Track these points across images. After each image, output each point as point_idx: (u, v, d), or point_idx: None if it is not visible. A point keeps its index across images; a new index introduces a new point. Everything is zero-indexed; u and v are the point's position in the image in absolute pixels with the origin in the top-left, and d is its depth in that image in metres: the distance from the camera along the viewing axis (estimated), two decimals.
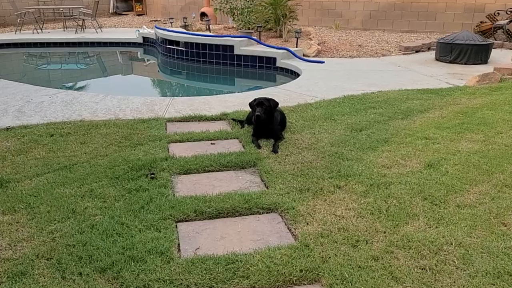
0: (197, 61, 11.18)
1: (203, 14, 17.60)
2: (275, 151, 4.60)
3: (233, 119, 5.69)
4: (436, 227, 3.19)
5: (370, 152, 4.58)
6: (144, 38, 14.50)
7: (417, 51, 11.34)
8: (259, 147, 4.75)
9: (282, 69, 10.00)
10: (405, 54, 11.05)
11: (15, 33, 15.79)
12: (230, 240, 3.11)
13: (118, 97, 6.79)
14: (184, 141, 5.00)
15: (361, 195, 3.68)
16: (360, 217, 3.35)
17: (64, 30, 16.73)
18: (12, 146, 4.85)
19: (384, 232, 3.13)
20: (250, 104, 5.07)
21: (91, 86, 10.42)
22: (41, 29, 16.39)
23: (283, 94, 7.01)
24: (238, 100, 6.65)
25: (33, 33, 15.80)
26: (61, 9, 16.97)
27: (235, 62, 10.64)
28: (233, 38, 10.69)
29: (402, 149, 4.64)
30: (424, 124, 5.45)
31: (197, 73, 11.36)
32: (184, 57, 11.42)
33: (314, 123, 5.51)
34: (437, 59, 10.16)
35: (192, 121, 5.80)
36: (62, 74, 12.39)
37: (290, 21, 12.21)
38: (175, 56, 11.71)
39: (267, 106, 4.89)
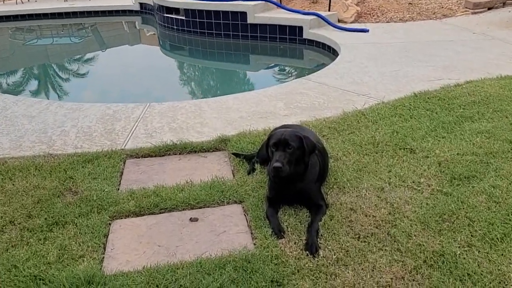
0: (201, 34, 8.73)
1: None
2: (312, 248, 2.27)
3: (236, 154, 3.35)
4: None
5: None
6: (141, 4, 12.04)
7: (489, 8, 8.55)
8: (280, 233, 2.42)
9: (311, 42, 7.47)
10: (474, 13, 8.29)
11: None
12: None
13: (68, 106, 4.51)
14: (143, 213, 2.73)
15: None
16: None
17: None
18: None
19: None
20: (263, 144, 2.72)
21: (64, 70, 8.19)
22: None
23: (317, 92, 4.58)
24: (246, 108, 4.27)
25: (16, 3, 13.53)
26: None
27: (249, 34, 8.15)
28: (245, 2, 8.13)
29: None
30: None
31: (202, 48, 8.95)
32: (186, 28, 8.97)
33: (377, 160, 3.12)
34: None
35: (169, 154, 3.49)
36: (48, 50, 10.24)
37: None
38: (175, 27, 9.27)
39: (296, 148, 2.52)
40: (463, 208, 2.51)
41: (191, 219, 2.64)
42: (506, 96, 4.10)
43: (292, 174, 2.53)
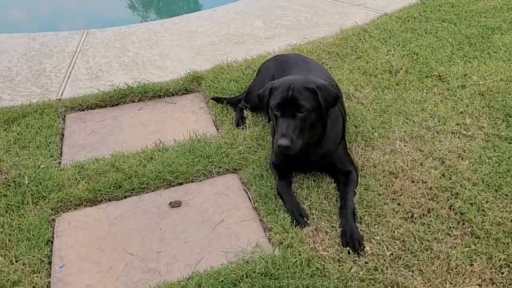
0: None
1: None
2: (354, 242, 1.60)
3: (217, 99, 2.51)
4: None
5: None
6: None
7: None
8: (302, 219, 1.72)
9: None
10: None
11: None
12: None
13: None
14: (101, 200, 1.92)
15: None
16: None
17: None
18: None
19: None
20: (261, 97, 1.91)
21: None
22: None
23: (300, 4, 3.67)
24: (215, 30, 3.33)
25: None
26: None
27: None
28: None
29: None
30: None
31: None
32: None
33: (401, 96, 2.41)
34: None
35: (124, 101, 2.61)
36: None
37: None
38: None
39: (311, 110, 1.74)
40: None
41: (171, 204, 1.88)
42: None
43: (306, 145, 1.78)
